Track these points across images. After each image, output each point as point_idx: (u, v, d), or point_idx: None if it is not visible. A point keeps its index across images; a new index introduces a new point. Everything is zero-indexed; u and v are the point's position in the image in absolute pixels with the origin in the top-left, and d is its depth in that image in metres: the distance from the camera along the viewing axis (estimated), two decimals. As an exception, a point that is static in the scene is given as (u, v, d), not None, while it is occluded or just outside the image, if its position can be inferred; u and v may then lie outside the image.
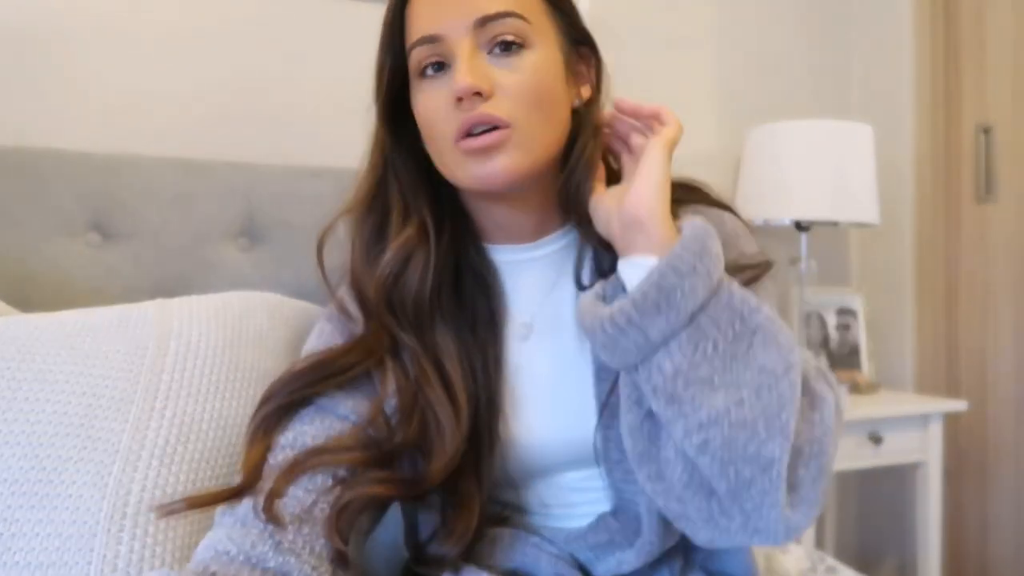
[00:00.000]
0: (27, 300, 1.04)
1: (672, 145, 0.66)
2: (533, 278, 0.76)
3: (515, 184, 0.67)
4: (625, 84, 2.02)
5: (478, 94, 0.64)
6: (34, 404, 0.76)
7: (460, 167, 0.67)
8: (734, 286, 0.60)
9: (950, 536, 1.84)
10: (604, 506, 0.75)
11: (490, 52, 0.66)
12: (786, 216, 1.71)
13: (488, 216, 0.75)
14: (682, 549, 0.75)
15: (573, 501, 0.77)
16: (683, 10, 1.84)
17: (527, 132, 0.66)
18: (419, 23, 0.67)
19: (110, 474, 0.73)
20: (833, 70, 2.03)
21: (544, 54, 0.68)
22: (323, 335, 0.76)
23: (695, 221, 0.61)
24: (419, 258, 0.71)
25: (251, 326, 0.91)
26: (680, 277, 0.57)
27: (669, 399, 0.58)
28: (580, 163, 0.70)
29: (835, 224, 1.80)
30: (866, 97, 2.03)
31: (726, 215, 0.75)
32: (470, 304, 0.75)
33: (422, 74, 0.68)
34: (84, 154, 1.16)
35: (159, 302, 0.92)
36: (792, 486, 0.58)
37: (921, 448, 1.70)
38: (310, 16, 1.46)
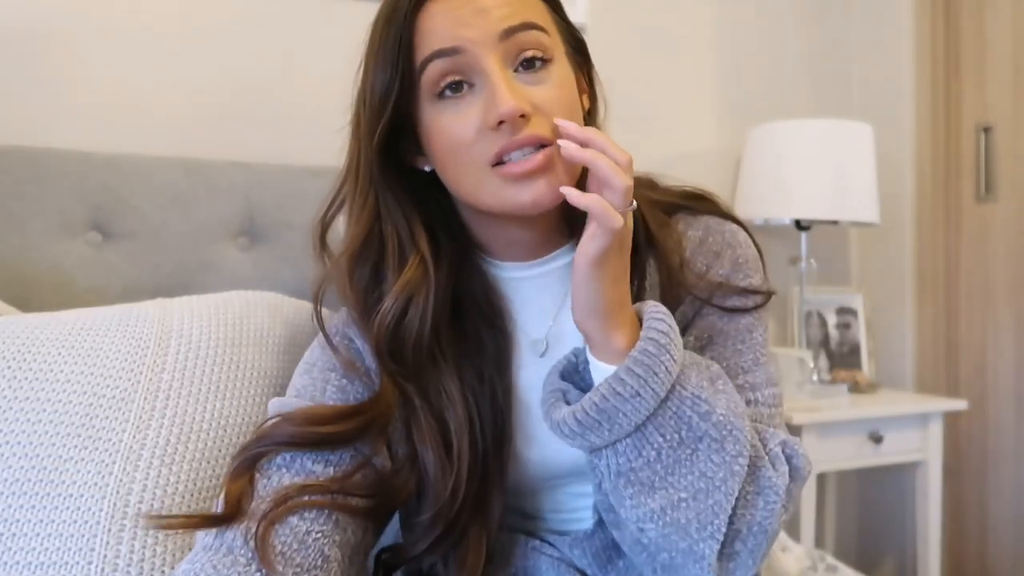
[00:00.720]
0: (27, 300, 1.04)
1: (614, 240, 0.57)
2: (543, 294, 0.73)
3: (556, 205, 0.62)
4: (626, 84, 2.02)
5: (522, 116, 0.60)
6: (34, 404, 0.76)
7: (495, 192, 0.62)
8: (688, 387, 0.59)
9: (950, 535, 1.84)
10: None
11: (515, 70, 0.62)
12: (786, 215, 1.71)
13: (496, 236, 0.72)
14: None
15: (576, 506, 0.77)
16: (683, 10, 1.84)
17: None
18: (434, 35, 0.61)
19: (111, 474, 0.73)
20: (833, 70, 2.03)
21: (563, 66, 0.65)
22: (316, 367, 0.72)
23: (656, 321, 0.58)
24: (420, 297, 0.67)
25: (252, 325, 0.91)
26: (622, 401, 0.57)
27: (612, 490, 0.60)
28: (586, 177, 0.68)
29: (835, 223, 1.80)
30: (866, 97, 2.03)
31: (740, 235, 0.73)
32: (473, 334, 0.71)
33: (440, 95, 0.62)
34: (84, 154, 1.16)
35: (159, 301, 0.93)
36: (728, 556, 0.60)
37: (921, 447, 1.70)
38: (311, 16, 1.46)
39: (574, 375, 0.64)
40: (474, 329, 0.71)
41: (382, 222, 0.68)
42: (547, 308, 0.73)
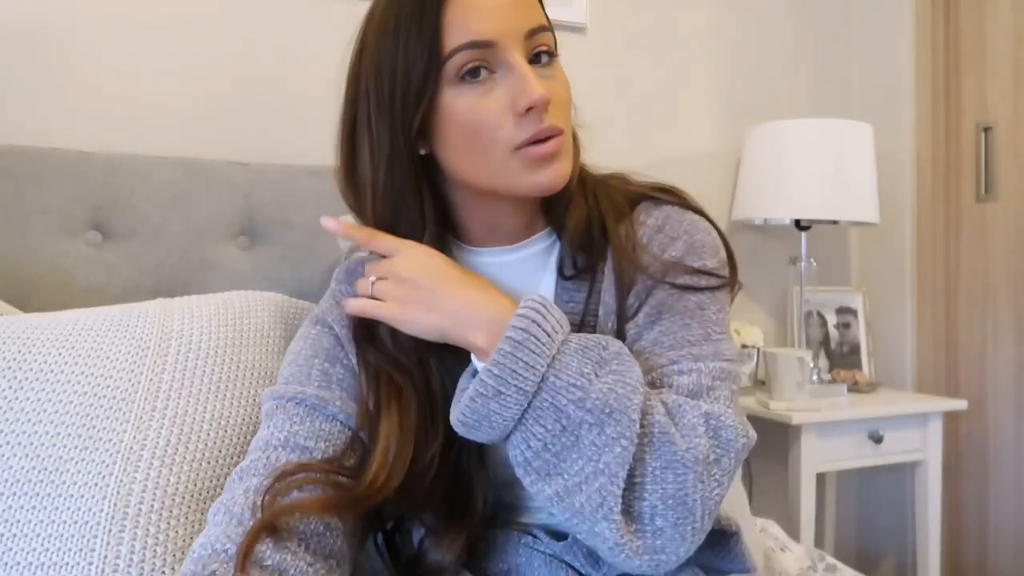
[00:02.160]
0: (27, 300, 1.04)
1: (386, 313, 0.69)
2: (518, 278, 0.76)
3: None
4: (625, 84, 2.02)
5: (549, 102, 0.65)
6: (35, 404, 0.76)
7: (517, 174, 0.67)
8: (563, 376, 0.62)
9: (950, 535, 1.84)
10: None
11: (530, 62, 0.67)
12: (786, 215, 1.71)
13: (483, 220, 0.75)
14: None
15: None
16: (683, 10, 1.84)
17: (568, 137, 0.69)
18: (466, 27, 0.64)
19: (111, 474, 0.73)
20: (833, 70, 2.03)
21: (560, 63, 0.71)
22: (301, 355, 0.76)
23: (518, 318, 0.62)
24: None
25: (252, 325, 0.91)
26: (487, 400, 0.61)
27: (523, 477, 0.64)
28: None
29: (835, 223, 1.80)
30: (866, 97, 2.03)
31: (701, 223, 0.76)
32: None
33: (462, 78, 0.65)
34: (84, 154, 1.16)
35: (160, 301, 0.93)
36: (652, 534, 0.61)
37: (921, 447, 1.70)
38: (311, 15, 1.46)
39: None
40: None
41: (399, 207, 0.71)
42: (525, 288, 0.76)
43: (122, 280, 1.13)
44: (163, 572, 0.70)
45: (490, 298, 0.67)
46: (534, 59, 0.67)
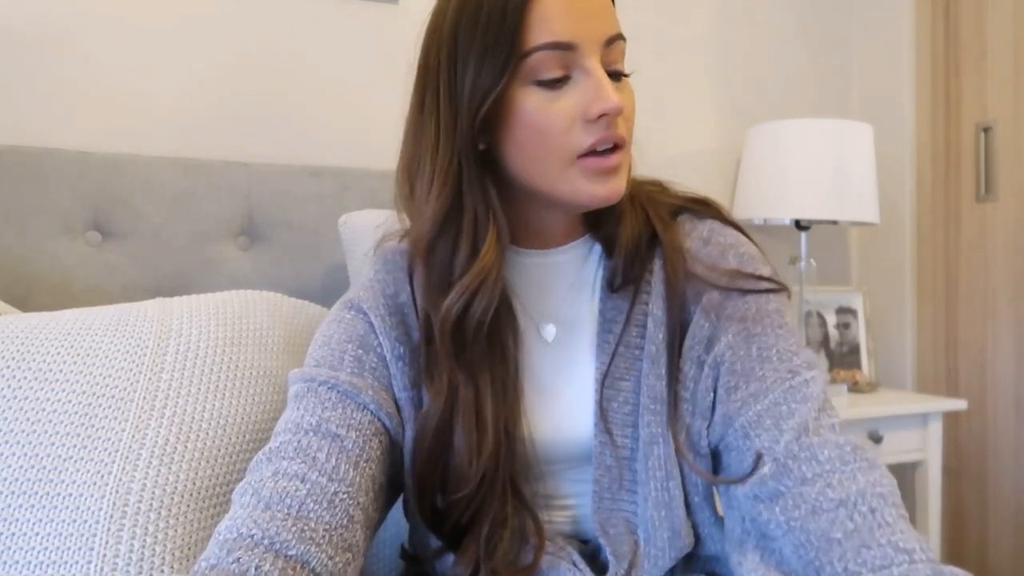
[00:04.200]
0: (27, 300, 1.04)
1: None
2: (555, 281, 0.77)
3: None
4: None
5: (622, 111, 0.64)
6: (34, 403, 0.76)
7: (575, 183, 0.66)
8: None
9: (950, 535, 1.84)
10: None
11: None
12: (786, 215, 1.71)
13: (532, 222, 0.74)
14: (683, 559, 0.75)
15: (571, 492, 0.78)
16: (683, 10, 1.84)
17: (629, 153, 0.69)
18: (549, 27, 0.63)
19: (110, 473, 0.73)
20: (833, 70, 2.03)
21: (629, 81, 0.70)
22: (333, 339, 0.74)
23: None
24: (490, 281, 0.68)
25: (251, 325, 0.91)
26: None
27: None
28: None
29: (835, 223, 1.80)
30: (866, 97, 2.03)
31: (743, 238, 0.76)
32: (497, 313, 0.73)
33: (538, 81, 0.65)
34: (84, 153, 1.16)
35: (159, 301, 0.93)
36: None
37: (921, 447, 1.70)
38: (311, 15, 1.46)
39: None
40: (499, 310, 0.72)
41: (463, 196, 0.68)
42: (558, 294, 0.77)
43: (122, 280, 1.13)
44: (162, 571, 0.70)
45: None
46: (611, 75, 0.66)
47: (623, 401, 0.73)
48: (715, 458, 0.73)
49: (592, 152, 0.65)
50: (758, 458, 0.65)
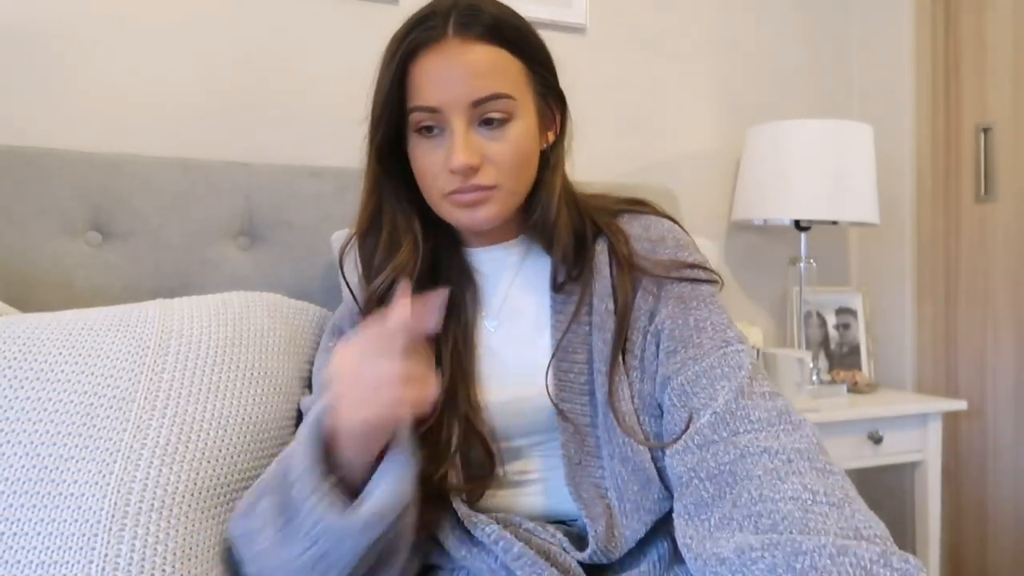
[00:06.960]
0: (27, 300, 1.04)
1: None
2: (504, 273, 0.88)
3: (495, 225, 0.81)
4: (625, 84, 2.02)
5: (472, 168, 0.76)
6: (35, 403, 0.76)
7: (449, 212, 0.80)
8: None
9: (950, 535, 1.84)
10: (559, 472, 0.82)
11: (479, 125, 0.77)
12: (786, 216, 1.71)
13: (466, 230, 0.86)
14: (668, 534, 0.78)
15: (537, 467, 0.85)
16: (682, 10, 1.84)
17: (508, 190, 0.79)
18: (421, 93, 0.76)
19: (111, 473, 0.73)
20: (833, 70, 2.03)
21: (524, 122, 0.79)
22: (322, 371, 0.87)
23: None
24: (407, 269, 0.82)
25: (251, 325, 0.91)
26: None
27: None
28: (543, 195, 0.83)
29: (835, 223, 1.80)
30: (866, 97, 2.03)
31: (676, 227, 0.87)
32: (452, 295, 0.84)
33: (419, 131, 0.78)
34: (84, 154, 1.16)
35: (160, 302, 0.93)
36: None
37: (920, 448, 1.70)
38: (311, 16, 1.46)
39: None
40: (454, 293, 0.85)
41: (382, 208, 0.84)
42: (499, 288, 0.88)
43: (122, 280, 1.13)
44: (163, 571, 0.70)
45: None
46: (484, 122, 0.77)
47: (578, 372, 0.82)
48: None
49: (457, 191, 0.77)
50: (691, 415, 0.72)
